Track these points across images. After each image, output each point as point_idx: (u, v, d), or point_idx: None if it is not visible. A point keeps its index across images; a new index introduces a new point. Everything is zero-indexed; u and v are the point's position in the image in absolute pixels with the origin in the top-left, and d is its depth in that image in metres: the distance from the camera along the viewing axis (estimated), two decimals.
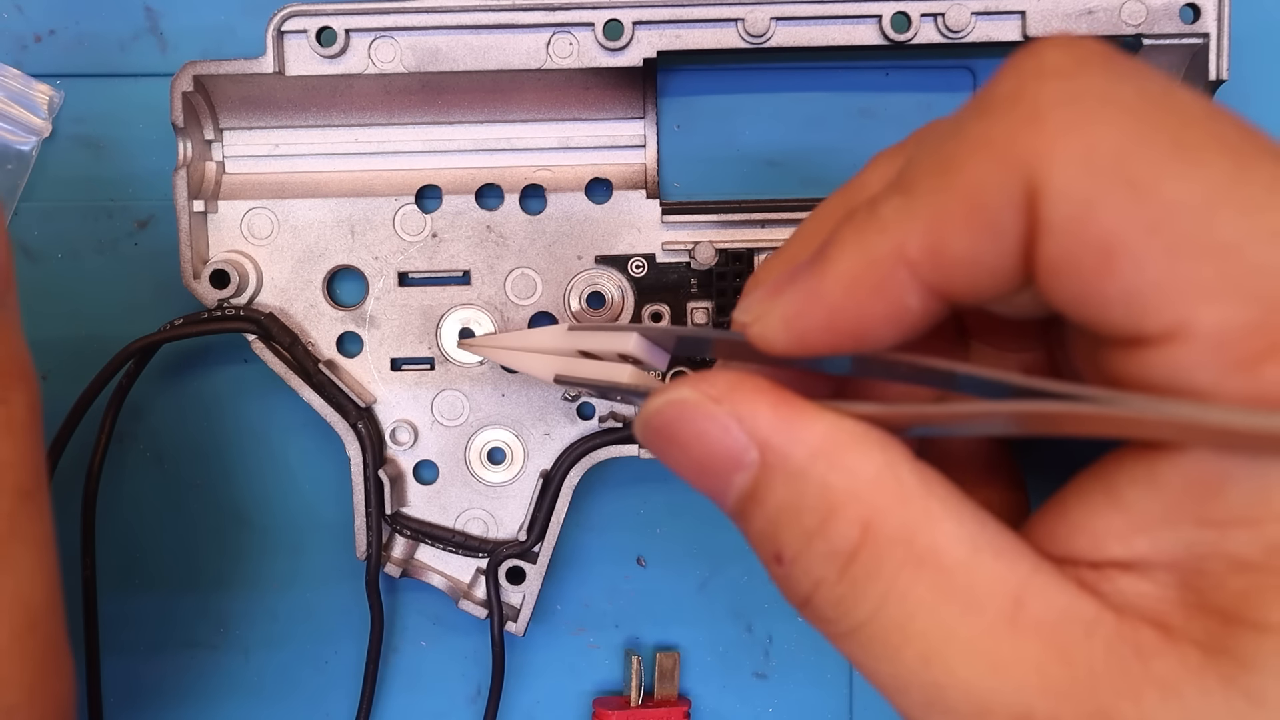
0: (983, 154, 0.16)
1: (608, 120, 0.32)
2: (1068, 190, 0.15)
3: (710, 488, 0.18)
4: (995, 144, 0.15)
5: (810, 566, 0.17)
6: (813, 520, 0.17)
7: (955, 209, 0.16)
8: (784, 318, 0.18)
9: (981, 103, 0.16)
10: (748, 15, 0.29)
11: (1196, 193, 0.14)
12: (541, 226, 0.31)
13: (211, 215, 0.31)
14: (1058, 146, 0.15)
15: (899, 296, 0.17)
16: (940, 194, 0.16)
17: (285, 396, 0.31)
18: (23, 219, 0.32)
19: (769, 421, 0.17)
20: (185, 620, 0.33)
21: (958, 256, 0.16)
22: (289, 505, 0.33)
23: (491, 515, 0.32)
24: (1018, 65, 0.16)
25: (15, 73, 0.32)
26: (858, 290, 0.17)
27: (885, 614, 0.16)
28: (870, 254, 0.17)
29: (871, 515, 0.16)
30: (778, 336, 0.18)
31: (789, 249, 0.21)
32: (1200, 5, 0.29)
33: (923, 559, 0.16)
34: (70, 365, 0.32)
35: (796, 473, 0.17)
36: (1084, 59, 0.16)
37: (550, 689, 0.34)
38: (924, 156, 0.17)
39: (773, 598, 0.33)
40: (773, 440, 0.17)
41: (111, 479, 0.33)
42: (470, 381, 0.31)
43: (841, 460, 0.17)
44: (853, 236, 0.17)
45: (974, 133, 0.16)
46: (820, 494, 0.17)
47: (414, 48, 0.30)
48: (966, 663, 0.16)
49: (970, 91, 0.32)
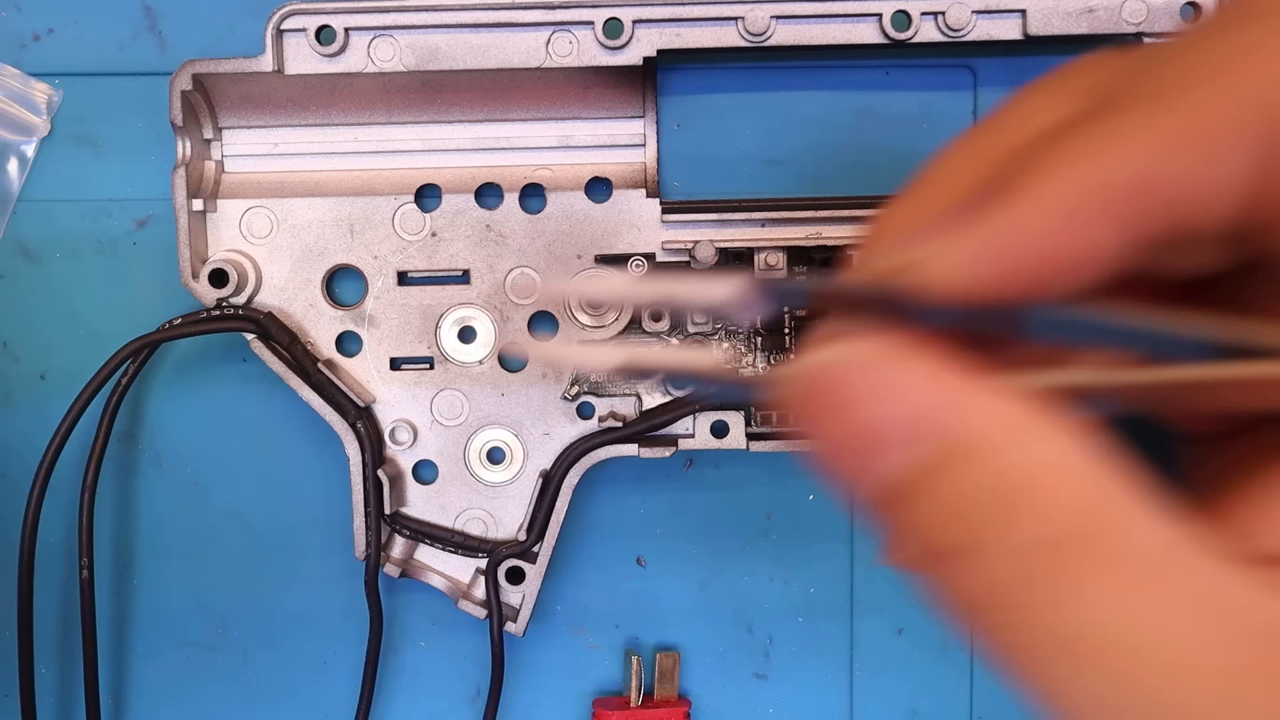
0: (1216, 73, 0.14)
1: (607, 119, 0.31)
2: None
3: (859, 466, 0.15)
4: (1232, 62, 0.14)
5: (993, 562, 0.14)
6: (1003, 506, 0.14)
7: (1182, 131, 0.14)
8: (976, 253, 0.15)
9: (1206, 25, 0.15)
10: (748, 14, 0.29)
11: None
12: (541, 226, 0.31)
13: (210, 214, 0.31)
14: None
15: (1104, 234, 0.15)
16: (1164, 114, 0.14)
17: (284, 396, 0.31)
18: (21, 218, 0.32)
19: (953, 391, 0.15)
20: (183, 620, 0.33)
21: (1180, 184, 0.14)
22: (288, 505, 0.33)
23: (491, 515, 0.32)
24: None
25: (14, 71, 0.32)
26: (1068, 223, 0.15)
27: (1083, 618, 0.14)
28: (1090, 180, 0.14)
29: (1075, 501, 0.14)
30: (967, 275, 0.15)
31: (925, 193, 0.18)
32: (1201, 3, 0.29)
33: (1128, 555, 0.14)
34: (69, 365, 0.32)
35: (984, 452, 0.14)
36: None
37: (550, 689, 0.34)
38: (1138, 79, 0.15)
39: (773, 598, 0.33)
40: (957, 413, 0.15)
41: (110, 479, 0.33)
42: (470, 381, 0.31)
43: (1037, 438, 0.14)
44: (1056, 164, 0.15)
45: (1203, 51, 0.14)
46: (1014, 475, 0.14)
47: (413, 46, 0.30)
48: (1176, 673, 0.14)
49: (971, 90, 0.32)
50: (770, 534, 0.33)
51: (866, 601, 0.33)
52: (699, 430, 0.31)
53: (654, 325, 0.31)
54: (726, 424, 0.31)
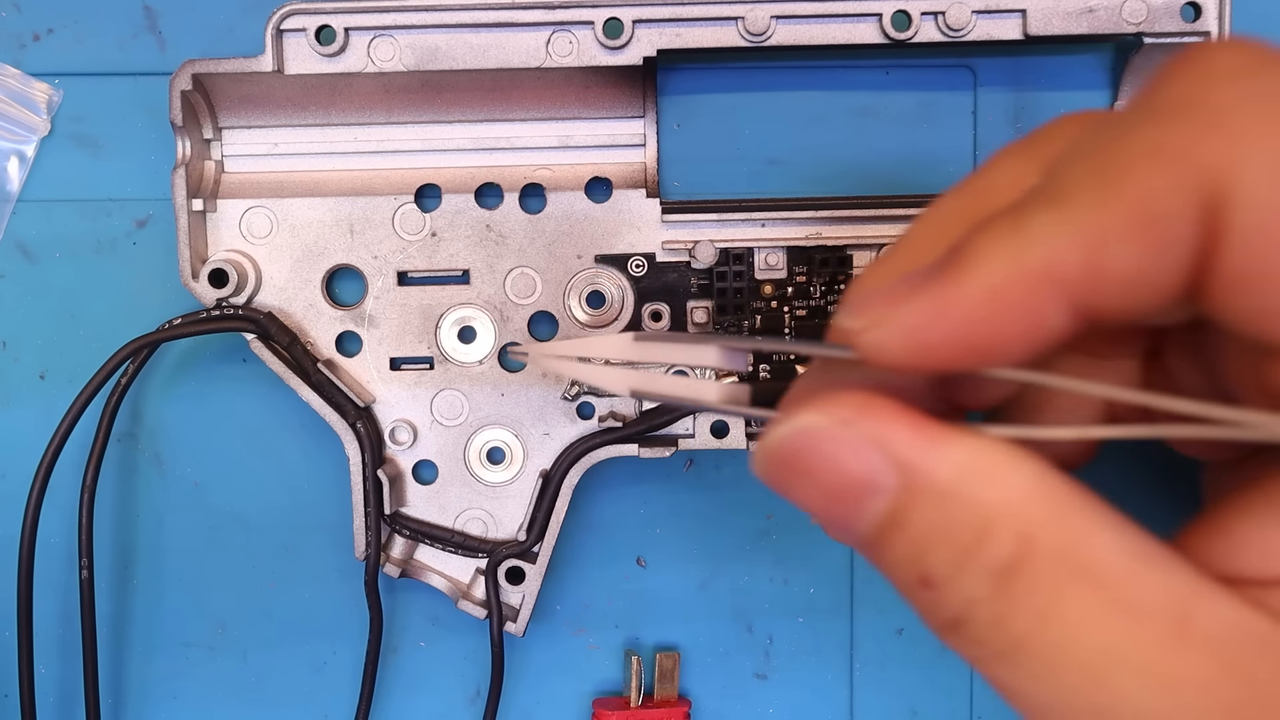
0: (1154, 161, 0.15)
1: (607, 119, 0.31)
2: (1258, 198, 0.14)
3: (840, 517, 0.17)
4: (1170, 150, 0.14)
5: (963, 586, 0.16)
6: (966, 537, 0.16)
7: (1122, 222, 0.15)
8: (905, 329, 0.16)
9: (1148, 106, 0.15)
10: (748, 13, 0.29)
11: None
12: (541, 226, 0.31)
13: (210, 214, 0.31)
14: (1244, 151, 0.14)
15: (1042, 315, 0.16)
16: (1104, 207, 0.15)
17: (284, 396, 0.31)
18: (21, 218, 0.32)
19: (909, 442, 0.16)
20: (183, 620, 0.33)
21: (1120, 274, 0.15)
22: (287, 505, 0.33)
23: (491, 515, 0.32)
24: (1188, 67, 0.15)
25: (14, 71, 0.32)
26: (999, 306, 0.16)
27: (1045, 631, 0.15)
28: (1018, 268, 0.15)
29: (1028, 528, 0.15)
30: (896, 348, 0.17)
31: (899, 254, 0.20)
32: (1201, 4, 0.29)
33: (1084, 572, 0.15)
34: (69, 365, 0.32)
35: (944, 491, 0.16)
36: (1261, 60, 0.15)
37: (550, 689, 0.34)
38: (1079, 163, 0.16)
39: (773, 598, 0.33)
40: (915, 461, 0.16)
41: (109, 479, 0.33)
42: (469, 381, 0.31)
43: (992, 476, 0.16)
44: (995, 247, 0.16)
45: (1142, 138, 0.15)
46: (973, 510, 0.16)
47: (413, 46, 0.30)
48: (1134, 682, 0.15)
49: (971, 90, 0.32)
50: (770, 534, 0.33)
51: (866, 601, 0.33)
52: (699, 430, 0.31)
53: (654, 325, 0.31)
54: (726, 424, 0.31)
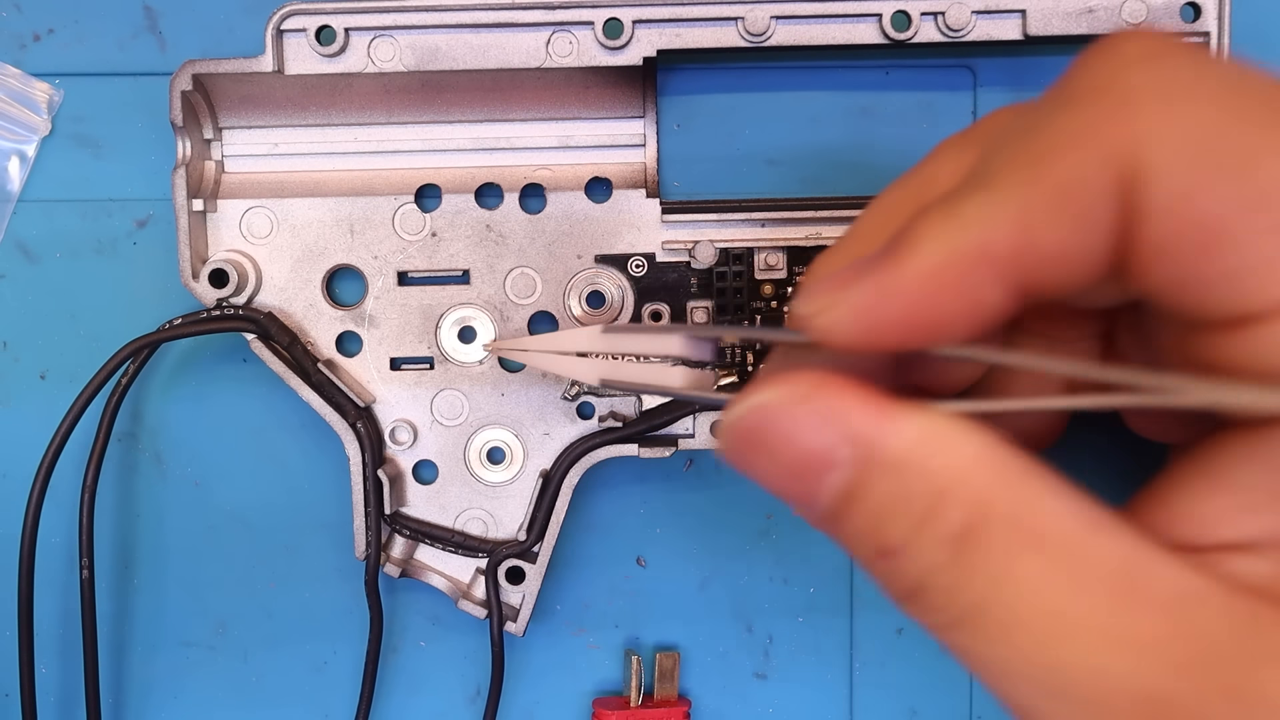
0: (1072, 144, 0.15)
1: (607, 119, 0.31)
2: (1169, 173, 0.15)
3: (800, 492, 0.18)
4: (1086, 133, 0.15)
5: (920, 553, 0.17)
6: (921, 506, 0.16)
7: (1046, 202, 0.16)
8: (854, 310, 0.17)
9: (1063, 94, 0.16)
10: (748, 14, 0.29)
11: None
12: (541, 226, 0.31)
13: (210, 214, 0.31)
14: (1155, 130, 0.15)
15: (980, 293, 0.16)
16: (1028, 187, 0.16)
17: (284, 396, 0.31)
18: (21, 218, 0.32)
19: (862, 416, 0.17)
20: (183, 620, 0.33)
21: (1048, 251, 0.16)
22: (288, 505, 0.33)
23: (491, 515, 0.32)
24: (1098, 56, 0.16)
25: (14, 71, 0.32)
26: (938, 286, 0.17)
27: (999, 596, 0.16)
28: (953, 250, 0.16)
29: (981, 496, 0.16)
30: (846, 329, 0.17)
31: (849, 243, 0.21)
32: (1201, 4, 0.29)
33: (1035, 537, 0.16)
34: (69, 365, 0.32)
35: (898, 463, 0.17)
36: (1164, 48, 0.16)
37: (550, 689, 0.34)
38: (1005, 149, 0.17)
39: (773, 597, 0.33)
40: (869, 434, 0.17)
41: (110, 478, 0.33)
42: (470, 381, 0.31)
43: (944, 446, 0.16)
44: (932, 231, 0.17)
45: (1060, 123, 0.16)
46: (927, 480, 0.16)
47: (413, 46, 0.30)
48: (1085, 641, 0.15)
49: (970, 90, 0.32)
50: (770, 534, 0.33)
51: (866, 601, 0.33)
52: (699, 430, 0.31)
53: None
54: None
